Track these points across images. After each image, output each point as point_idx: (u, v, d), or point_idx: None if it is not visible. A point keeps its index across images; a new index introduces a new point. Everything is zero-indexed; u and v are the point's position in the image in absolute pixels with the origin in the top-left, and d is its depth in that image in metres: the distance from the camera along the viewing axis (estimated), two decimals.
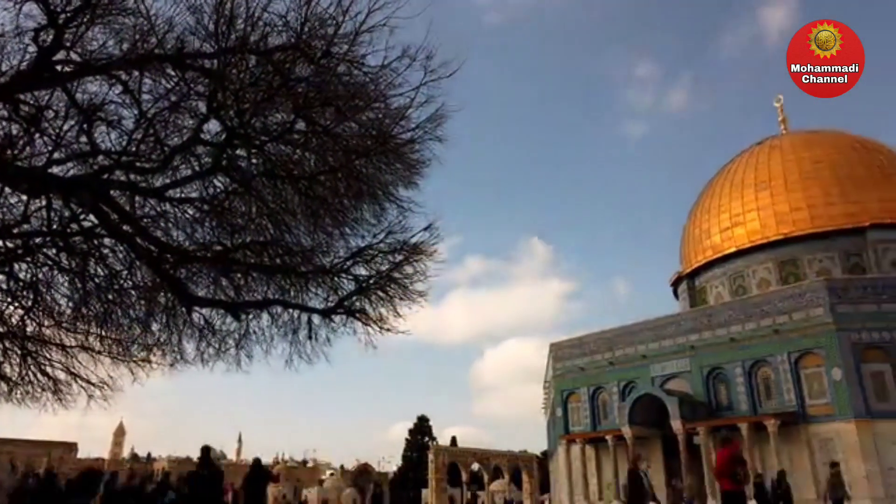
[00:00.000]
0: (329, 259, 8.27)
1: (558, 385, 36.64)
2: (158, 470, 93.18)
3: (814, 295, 26.82)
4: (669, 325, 31.98)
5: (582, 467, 33.10)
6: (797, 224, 34.46)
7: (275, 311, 8.46)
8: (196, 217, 7.68)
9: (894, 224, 32.99)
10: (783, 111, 41.55)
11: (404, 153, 7.34)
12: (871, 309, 25.87)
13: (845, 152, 35.74)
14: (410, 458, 76.71)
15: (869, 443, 24.08)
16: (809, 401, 26.16)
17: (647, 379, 31.58)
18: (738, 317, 29.18)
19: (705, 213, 39.55)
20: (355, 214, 7.84)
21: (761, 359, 27.99)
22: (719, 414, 28.73)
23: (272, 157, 7.12)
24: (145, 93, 6.75)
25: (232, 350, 8.66)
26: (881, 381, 25.02)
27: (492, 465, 59.90)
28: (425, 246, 7.90)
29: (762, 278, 35.27)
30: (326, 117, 6.74)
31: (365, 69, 6.54)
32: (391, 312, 8.27)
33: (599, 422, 34.00)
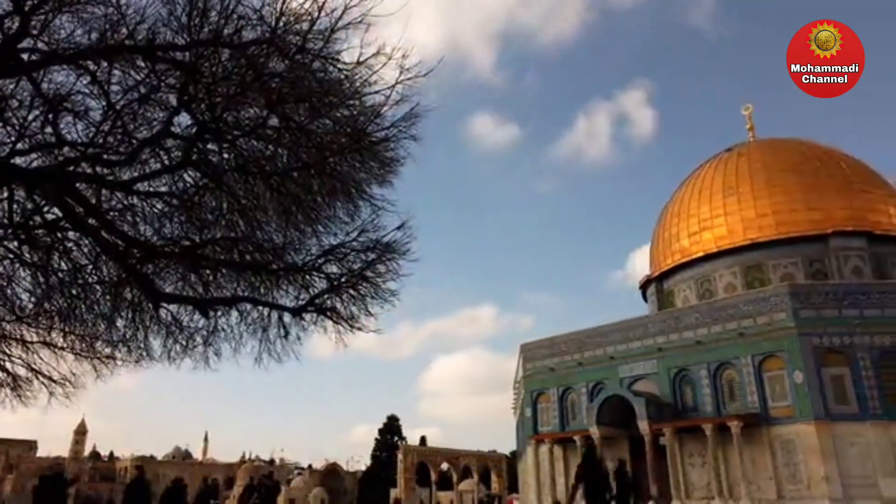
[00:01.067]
0: (301, 256, 8.21)
1: (528, 385, 36.88)
2: (121, 469, 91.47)
3: (777, 299, 27.44)
4: (638, 327, 32.42)
5: (550, 467, 33.36)
6: (763, 230, 35.23)
7: (244, 308, 8.37)
8: (165, 211, 7.56)
9: (856, 232, 33.93)
10: (751, 119, 42.46)
11: (378, 151, 7.33)
12: (833, 314, 26.56)
13: (810, 161, 36.65)
14: (380, 457, 76.47)
15: (828, 444, 24.72)
16: (772, 403, 26.75)
17: (616, 380, 31.97)
18: (705, 320, 29.72)
19: (674, 218, 40.20)
20: (328, 212, 7.80)
21: (726, 361, 28.54)
22: (685, 415, 29.22)
23: (244, 152, 7.04)
24: (114, 84, 6.62)
25: (200, 347, 8.54)
26: (841, 385, 25.70)
27: (461, 464, 60.11)
28: (398, 245, 7.89)
29: (728, 282, 35.97)
30: (300, 113, 6.70)
31: (340, 66, 6.51)
32: (363, 311, 8.25)
33: (568, 422, 34.31)
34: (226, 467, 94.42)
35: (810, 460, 24.86)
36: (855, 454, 24.52)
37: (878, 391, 25.18)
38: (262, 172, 7.07)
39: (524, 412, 37.69)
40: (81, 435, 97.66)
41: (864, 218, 34.44)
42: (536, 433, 35.48)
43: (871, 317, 26.18)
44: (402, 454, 55.22)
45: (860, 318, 26.13)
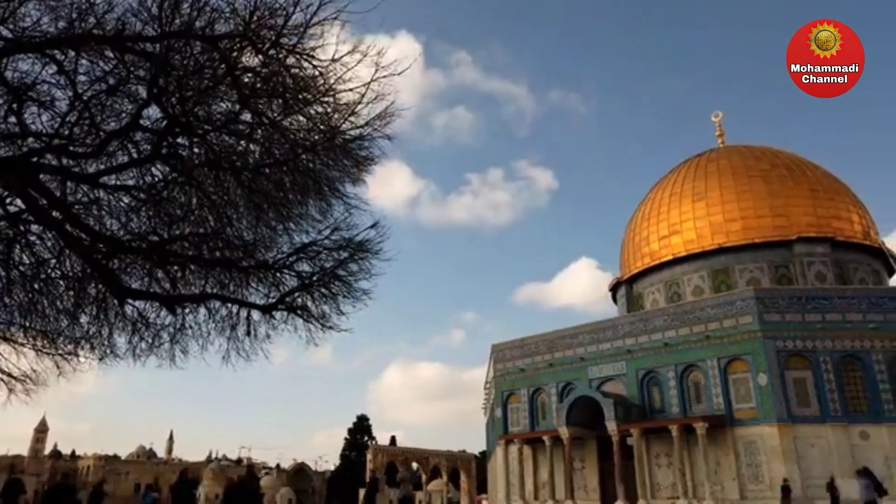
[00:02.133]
0: (272, 254, 8.11)
1: (499, 386, 37.04)
2: (83, 468, 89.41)
3: (743, 303, 28.00)
4: (607, 329, 32.79)
5: (519, 467, 33.56)
6: (730, 235, 35.92)
7: (213, 305, 8.24)
8: (132, 206, 7.41)
9: (819, 238, 34.80)
10: (721, 126, 43.25)
11: (352, 149, 7.27)
12: (796, 318, 27.20)
13: (778, 168, 37.47)
14: (349, 457, 76.01)
15: (790, 446, 25.31)
16: (736, 405, 27.28)
17: (585, 381, 32.30)
18: (673, 322, 30.19)
19: (645, 221, 40.76)
20: (300, 209, 7.72)
21: (693, 363, 29.03)
22: (652, 416, 29.64)
23: (215, 147, 6.93)
24: (81, 74, 6.46)
25: (166, 345, 8.38)
26: (803, 388, 26.33)
27: (431, 464, 60.08)
28: (371, 244, 7.85)
29: (696, 286, 36.59)
30: (273, 109, 6.61)
31: (314, 62, 6.44)
32: (334, 310, 8.18)
33: (538, 423, 34.54)
34: (192, 467, 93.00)
35: (772, 461, 25.42)
36: (815, 455, 25.15)
37: (839, 394, 25.86)
38: (233, 168, 6.96)
39: (494, 412, 37.84)
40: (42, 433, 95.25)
41: (827, 225, 35.34)
42: (506, 433, 35.65)
43: (833, 321, 26.87)
44: (371, 454, 54.95)
45: (822, 323, 26.81)
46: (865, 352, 26.40)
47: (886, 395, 25.65)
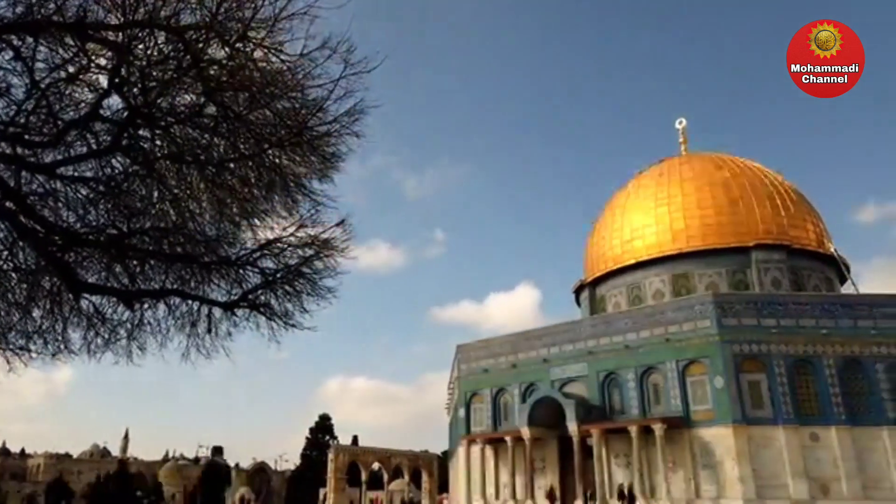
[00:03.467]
0: (235, 250, 7.98)
1: (462, 386, 37.14)
2: (33, 467, 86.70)
3: (702, 308, 28.64)
4: (570, 331, 33.18)
5: (481, 467, 33.71)
6: (690, 241, 36.70)
7: (172, 301, 8.07)
8: (90, 198, 7.20)
9: (775, 245, 35.82)
10: (684, 133, 44.14)
11: (320, 146, 7.20)
12: (752, 323, 27.93)
13: (737, 177, 38.43)
14: (310, 456, 75.29)
15: (743, 446, 25.98)
16: (693, 406, 27.88)
17: (548, 382, 32.61)
18: (634, 325, 30.70)
19: (608, 226, 41.38)
20: (265, 205, 7.61)
21: (652, 366, 29.57)
22: (612, 417, 30.09)
23: (178, 139, 6.79)
24: (40, 61, 6.26)
25: (123, 341, 8.17)
26: (757, 390, 27.06)
27: (393, 464, 59.93)
28: (337, 242, 7.79)
29: (657, 290, 37.28)
30: (239, 103, 6.51)
31: (283, 57, 6.37)
32: (298, 308, 8.10)
33: (500, 423, 34.75)
34: (147, 466, 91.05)
35: (727, 461, 26.05)
36: (768, 456, 25.87)
37: (791, 397, 26.65)
38: (196, 162, 6.83)
39: (458, 412, 37.93)
40: None
41: (784, 233, 36.39)
42: (469, 433, 35.77)
43: (787, 326, 27.68)
44: (332, 453, 54.55)
45: (777, 328, 27.59)
46: (817, 357, 27.26)
47: (836, 399, 26.52)
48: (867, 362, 27.20)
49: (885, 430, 26.08)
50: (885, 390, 26.69)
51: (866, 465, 25.57)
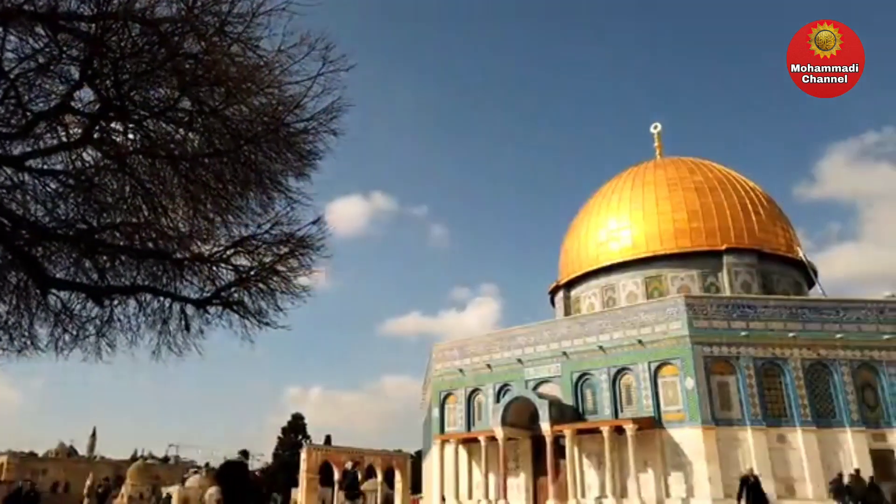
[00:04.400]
0: (208, 247, 7.90)
1: (437, 386, 37.17)
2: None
3: (674, 310, 29.04)
4: (545, 332, 33.40)
5: (454, 467, 33.76)
6: (664, 244, 37.22)
7: (143, 298, 7.95)
8: (59, 191, 7.07)
9: (746, 249, 36.51)
10: (659, 138, 44.76)
11: (296, 143, 7.17)
12: (723, 325, 28.41)
13: (710, 181, 39.07)
14: (282, 456, 74.67)
15: (712, 447, 26.40)
16: (664, 407, 28.26)
17: (522, 382, 32.79)
18: (607, 326, 31.02)
19: (583, 228, 41.78)
20: (240, 202, 7.54)
21: (625, 367, 29.90)
22: (585, 417, 30.36)
23: (151, 133, 6.69)
24: (9, 51, 6.12)
25: (92, 338, 8.03)
26: (726, 392, 27.53)
27: (366, 464, 59.67)
28: (312, 239, 7.75)
29: (630, 291, 37.73)
30: (215, 98, 6.44)
31: (260, 52, 6.32)
32: (272, 306, 8.04)
33: (474, 423, 34.84)
34: (115, 465, 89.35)
35: (696, 462, 26.46)
36: (736, 457, 26.31)
37: (759, 398, 27.16)
38: (170, 156, 6.74)
39: (432, 412, 37.94)
40: None
41: (754, 237, 37.10)
42: (443, 433, 35.81)
43: (756, 329, 28.20)
44: (305, 453, 54.19)
45: (747, 330, 28.10)
46: (784, 359, 27.83)
47: (802, 401, 27.10)
48: (832, 365, 27.85)
49: (849, 431, 26.72)
50: (849, 392, 27.34)
51: (830, 466, 26.15)
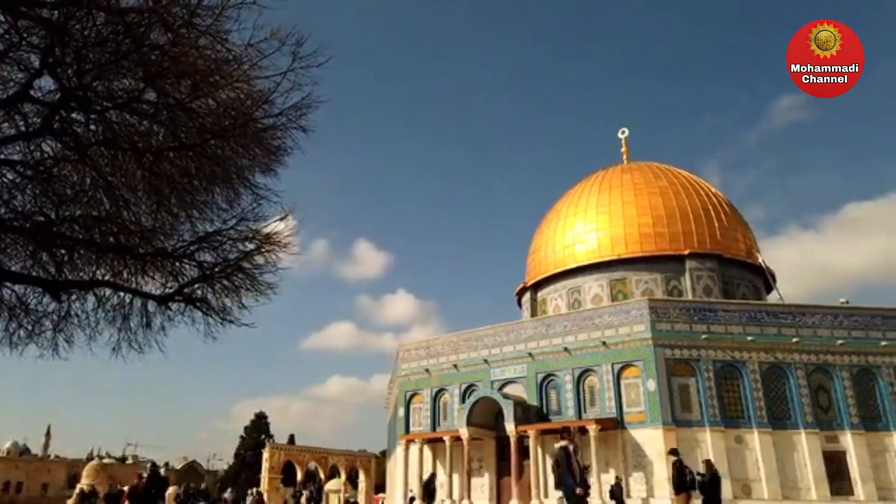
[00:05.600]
0: (171, 242, 7.76)
1: (403, 386, 37.10)
2: None
3: (638, 312, 29.51)
4: (511, 332, 33.61)
5: (418, 467, 33.73)
6: (629, 247, 37.80)
7: (103, 293, 7.78)
8: (16, 182, 6.87)
9: (708, 254, 37.32)
10: (626, 143, 45.46)
11: (264, 138, 7.09)
12: (684, 329, 28.98)
13: (675, 186, 39.82)
14: (244, 456, 73.65)
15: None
16: (627, 408, 28.69)
17: (487, 382, 32.94)
18: (572, 328, 31.36)
19: (551, 230, 42.19)
20: (205, 197, 7.43)
21: (589, 368, 30.28)
22: (549, 418, 30.64)
23: (114, 125, 6.55)
24: None
25: (48, 333, 7.82)
26: (687, 393, 28.09)
27: (329, 464, 59.31)
28: (279, 237, 7.68)
29: (596, 294, 38.22)
30: (181, 90, 6.33)
31: (229, 46, 6.23)
32: (236, 303, 7.94)
33: (439, 423, 34.87)
34: (70, 465, 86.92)
35: (657, 463, 26.92)
36: (695, 458, 26.72)
37: (718, 400, 27.78)
38: (133, 149, 6.61)
39: (397, 412, 37.85)
40: None
41: (717, 242, 37.94)
42: (408, 433, 35.75)
43: (716, 333, 28.84)
44: (268, 452, 53.57)
45: (707, 333, 28.70)
46: (742, 362, 28.52)
47: (759, 403, 27.80)
48: (788, 368, 28.64)
49: (803, 433, 27.52)
50: (803, 395, 28.15)
51: (785, 467, 26.92)
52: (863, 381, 28.96)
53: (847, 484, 27.04)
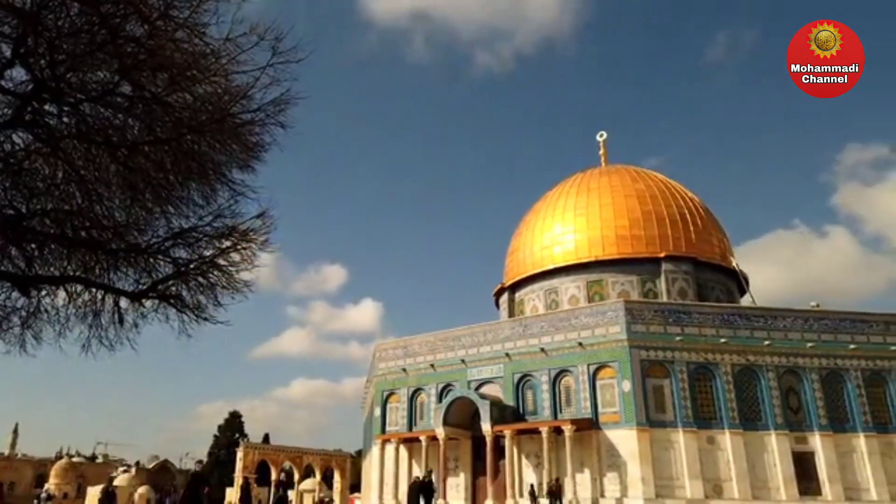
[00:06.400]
0: (146, 237, 7.64)
1: (379, 385, 36.99)
2: None
3: (614, 314, 29.78)
4: (489, 333, 33.70)
5: (394, 467, 33.67)
6: (606, 249, 38.15)
7: (74, 289, 7.63)
8: None
9: (683, 257, 37.81)
10: (605, 146, 45.86)
11: (242, 134, 7.01)
12: (659, 330, 29.32)
13: (651, 190, 40.27)
14: (218, 455, 72.78)
15: (646, 448, 27.21)
16: (602, 409, 28.94)
17: (464, 382, 32.99)
18: (549, 329, 31.54)
19: (529, 232, 42.40)
20: (181, 192, 7.32)
21: (565, 369, 30.48)
22: (525, 418, 30.78)
23: (88, 118, 6.42)
24: None
25: (16, 329, 7.65)
26: (661, 394, 28.42)
27: (304, 463, 58.90)
28: (256, 234, 7.59)
29: (573, 295, 38.49)
30: (157, 84, 6.24)
31: (207, 39, 6.15)
32: (211, 301, 7.83)
33: (415, 423, 34.83)
34: (37, 464, 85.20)
35: (630, 463, 27.21)
36: (668, 458, 27.22)
37: (691, 402, 28.15)
38: (107, 142, 6.49)
39: (373, 412, 37.73)
40: None
41: (692, 246, 38.45)
42: (384, 433, 35.66)
43: (691, 335, 29.22)
44: (241, 452, 53.03)
45: (681, 335, 29.07)
46: (715, 364, 28.94)
47: (731, 405, 28.24)
48: (760, 370, 29.13)
49: (773, 434, 28.01)
50: (774, 397, 28.66)
51: (755, 467, 27.38)
52: (831, 384, 29.57)
53: (815, 484, 27.59)
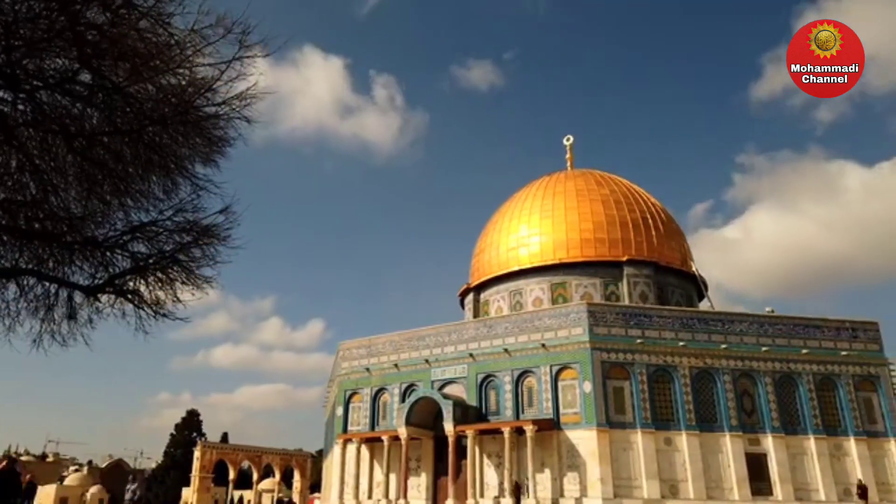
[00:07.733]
0: (103, 231, 7.44)
1: (342, 385, 36.72)
2: None
3: (576, 316, 30.15)
4: (453, 333, 33.76)
5: (356, 466, 33.47)
6: (570, 252, 38.60)
7: (26, 282, 7.38)
8: None
9: (645, 261, 38.50)
10: (571, 150, 46.39)
11: (206, 127, 6.88)
12: (620, 333, 29.78)
13: (615, 195, 40.90)
14: (174, 454, 71.27)
15: (605, 449, 27.60)
16: (563, 410, 29.26)
17: (428, 382, 32.98)
18: (513, 330, 31.76)
19: (495, 233, 42.64)
20: (141, 185, 7.15)
21: (528, 369, 30.72)
22: (488, 418, 30.93)
23: (45, 106, 6.22)
24: None
25: None
26: (621, 396, 28.87)
27: (263, 463, 58.13)
28: (219, 229, 7.46)
29: (537, 297, 38.84)
30: (119, 73, 6.07)
31: (171, 30, 6.02)
32: (170, 296, 7.67)
33: (378, 422, 34.69)
34: None
35: (590, 463, 27.56)
36: (626, 458, 27.65)
37: (650, 403, 28.67)
38: (64, 132, 6.30)
39: (335, 411, 37.44)
40: None
41: (654, 250, 39.17)
42: (346, 432, 35.42)
43: (651, 338, 29.76)
44: (198, 451, 52.10)
45: (642, 338, 29.59)
46: (673, 367, 29.54)
47: (688, 407, 28.85)
48: (716, 373, 29.83)
49: (728, 435, 28.71)
50: (729, 399, 29.39)
51: (710, 468, 28.02)
52: (784, 387, 30.46)
53: (767, 484, 28.37)
